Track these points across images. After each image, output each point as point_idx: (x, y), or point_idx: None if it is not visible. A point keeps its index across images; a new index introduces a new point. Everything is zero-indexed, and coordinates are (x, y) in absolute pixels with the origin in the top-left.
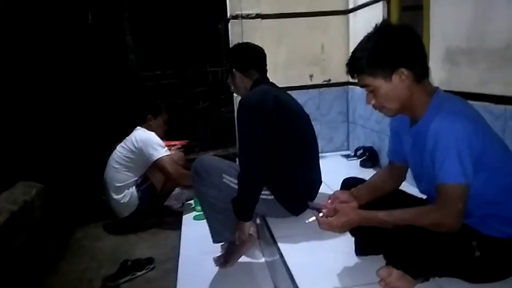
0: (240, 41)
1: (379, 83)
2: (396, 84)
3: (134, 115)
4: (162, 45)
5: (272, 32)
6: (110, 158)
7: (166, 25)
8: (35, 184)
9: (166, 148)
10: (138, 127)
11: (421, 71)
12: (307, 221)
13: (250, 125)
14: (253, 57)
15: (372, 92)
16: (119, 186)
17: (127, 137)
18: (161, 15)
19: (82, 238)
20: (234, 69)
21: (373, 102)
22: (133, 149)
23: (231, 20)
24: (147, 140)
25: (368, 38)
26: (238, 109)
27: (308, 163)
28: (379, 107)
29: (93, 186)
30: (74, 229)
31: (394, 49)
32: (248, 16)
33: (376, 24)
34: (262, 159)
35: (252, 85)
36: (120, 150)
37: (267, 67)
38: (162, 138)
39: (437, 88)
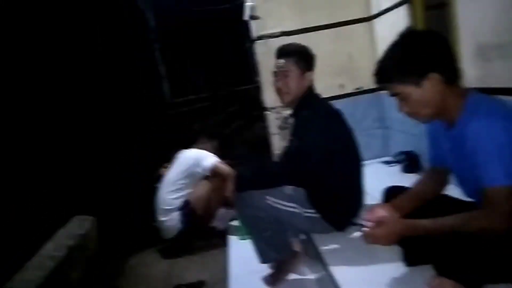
0: (267, 61)
1: (410, 90)
2: (427, 90)
3: (178, 139)
4: (193, 70)
5: None
6: (163, 181)
7: (195, 52)
8: (89, 218)
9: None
10: (191, 149)
11: (452, 74)
12: (352, 237)
13: (321, 139)
14: (312, 57)
15: (404, 99)
16: (167, 209)
17: (177, 159)
18: (189, 43)
19: (135, 266)
20: (293, 66)
21: (405, 109)
22: (186, 167)
23: (256, 41)
24: (197, 155)
25: (393, 46)
26: (300, 122)
27: (357, 179)
28: (412, 114)
29: (142, 213)
30: (128, 257)
31: (423, 54)
32: (272, 35)
33: (400, 32)
34: (299, 172)
35: (307, 94)
36: (173, 172)
37: None
38: None
39: (470, 89)
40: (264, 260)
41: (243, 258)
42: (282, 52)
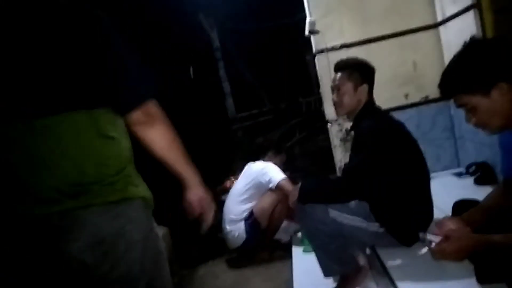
0: (328, 74)
1: (478, 100)
2: (496, 99)
3: (242, 152)
4: (255, 85)
5: None
6: (231, 192)
7: (256, 66)
8: (161, 228)
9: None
10: (258, 161)
11: None
12: (420, 253)
13: (365, 155)
14: (369, 70)
15: (471, 110)
16: (233, 218)
17: (244, 171)
18: (251, 59)
19: (204, 275)
20: (346, 79)
21: (473, 120)
22: (252, 179)
23: (317, 55)
24: (266, 168)
25: (458, 57)
26: (358, 137)
27: (423, 192)
28: (481, 125)
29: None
30: (196, 267)
31: (489, 63)
32: (333, 49)
33: (464, 41)
34: (361, 187)
35: (364, 107)
36: (240, 183)
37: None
38: None
39: None
40: (328, 274)
41: (307, 270)
42: (336, 67)
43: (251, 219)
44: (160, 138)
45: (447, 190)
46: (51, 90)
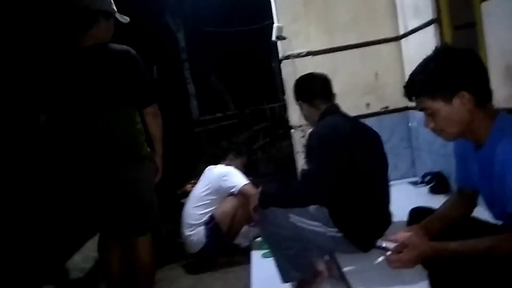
0: (293, 81)
1: (439, 106)
2: (456, 108)
3: (205, 156)
4: (220, 88)
5: (324, 67)
6: (190, 196)
7: (222, 70)
8: None
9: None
10: (219, 165)
11: (483, 95)
12: (376, 262)
13: (318, 159)
14: (315, 87)
15: (431, 115)
16: (193, 223)
17: (204, 175)
18: (217, 62)
19: (159, 281)
20: (300, 101)
21: (432, 125)
22: (213, 183)
23: (283, 61)
24: (228, 172)
25: (427, 61)
26: (307, 142)
27: (381, 197)
28: (438, 131)
29: (168, 228)
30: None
31: (456, 71)
32: (299, 55)
33: (436, 47)
34: (320, 192)
35: (320, 117)
36: (200, 187)
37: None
38: None
39: (499, 110)
40: (286, 279)
41: (265, 276)
42: None
43: (211, 224)
44: (157, 125)
45: (403, 198)
46: (113, 99)
